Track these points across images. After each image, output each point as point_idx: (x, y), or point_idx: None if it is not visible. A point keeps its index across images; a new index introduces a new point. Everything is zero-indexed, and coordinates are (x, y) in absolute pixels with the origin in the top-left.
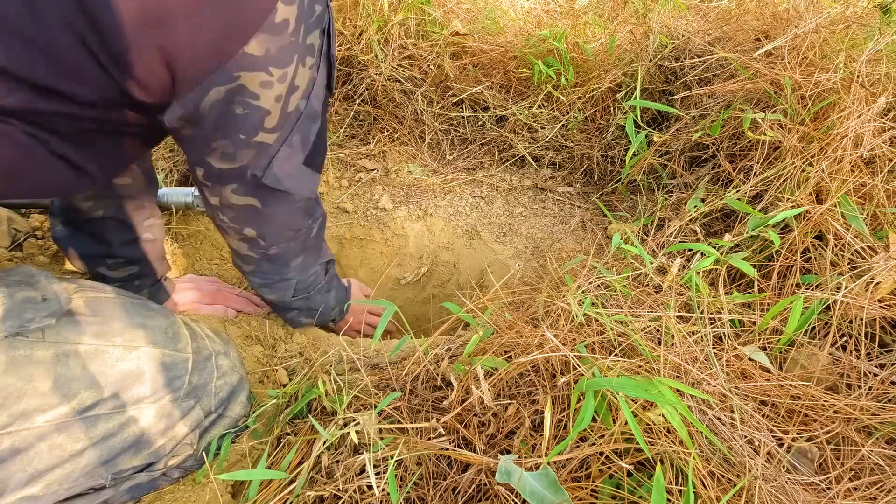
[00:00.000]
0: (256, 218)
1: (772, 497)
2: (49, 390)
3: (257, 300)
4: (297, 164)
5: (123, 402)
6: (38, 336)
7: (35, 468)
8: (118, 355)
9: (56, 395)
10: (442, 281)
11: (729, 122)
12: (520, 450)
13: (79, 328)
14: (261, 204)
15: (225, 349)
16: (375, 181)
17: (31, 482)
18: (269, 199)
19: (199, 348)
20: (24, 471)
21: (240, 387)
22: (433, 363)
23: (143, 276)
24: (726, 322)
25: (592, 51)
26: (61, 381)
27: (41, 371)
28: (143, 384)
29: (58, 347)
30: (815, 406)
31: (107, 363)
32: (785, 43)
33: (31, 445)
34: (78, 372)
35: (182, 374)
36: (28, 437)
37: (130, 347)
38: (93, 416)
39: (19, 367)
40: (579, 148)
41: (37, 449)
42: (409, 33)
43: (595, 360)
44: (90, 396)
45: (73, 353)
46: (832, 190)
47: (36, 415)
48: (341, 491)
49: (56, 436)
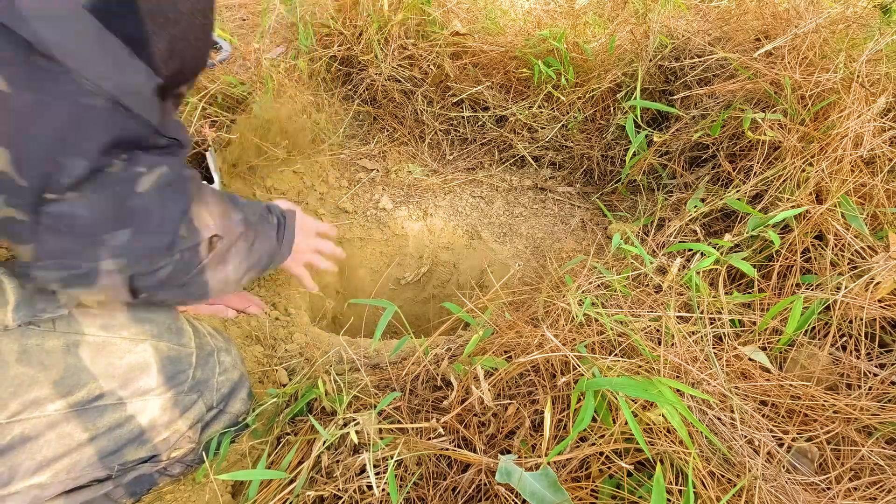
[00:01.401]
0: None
1: (772, 497)
2: (59, 379)
3: (257, 300)
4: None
5: (130, 394)
6: (49, 326)
7: (44, 456)
8: (125, 347)
9: (66, 384)
10: (442, 281)
11: (729, 122)
12: (520, 450)
13: (87, 319)
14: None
15: (226, 346)
16: (375, 181)
17: (39, 470)
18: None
19: (202, 344)
20: (33, 459)
21: (240, 384)
22: (433, 363)
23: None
24: (726, 322)
25: (592, 51)
26: (71, 371)
27: (52, 360)
28: (150, 377)
29: (68, 338)
30: (815, 406)
31: (114, 355)
32: (785, 43)
33: (40, 434)
34: (87, 362)
35: (186, 369)
36: (38, 426)
37: (136, 340)
38: (100, 406)
39: (31, 356)
40: (579, 148)
41: (46, 437)
42: (409, 33)
43: (595, 360)
44: (98, 387)
45: (83, 344)
46: (832, 190)
47: (46, 403)
48: (341, 491)
49: (65, 425)
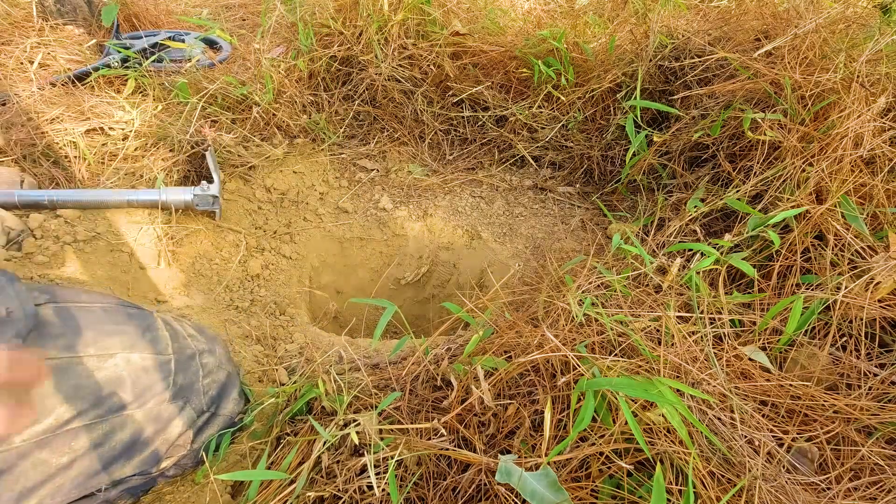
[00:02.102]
0: None
1: (772, 497)
2: None
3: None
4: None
5: (104, 412)
6: None
7: (23, 486)
8: (93, 365)
9: None
10: (442, 281)
11: (729, 122)
12: (520, 450)
13: (48, 342)
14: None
15: (210, 347)
16: (375, 181)
17: (21, 499)
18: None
19: (182, 348)
20: (12, 490)
21: (229, 384)
22: (433, 363)
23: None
24: (726, 322)
25: (592, 51)
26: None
27: (12, 392)
28: (124, 391)
29: None
30: (815, 406)
31: (81, 375)
32: (785, 43)
33: (13, 465)
34: (51, 388)
35: (166, 376)
36: (8, 458)
37: (105, 356)
38: (73, 429)
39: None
40: (579, 148)
41: (20, 468)
42: (409, 33)
43: (595, 360)
44: (67, 410)
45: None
46: (832, 190)
47: (12, 435)
48: (341, 491)
49: (38, 452)
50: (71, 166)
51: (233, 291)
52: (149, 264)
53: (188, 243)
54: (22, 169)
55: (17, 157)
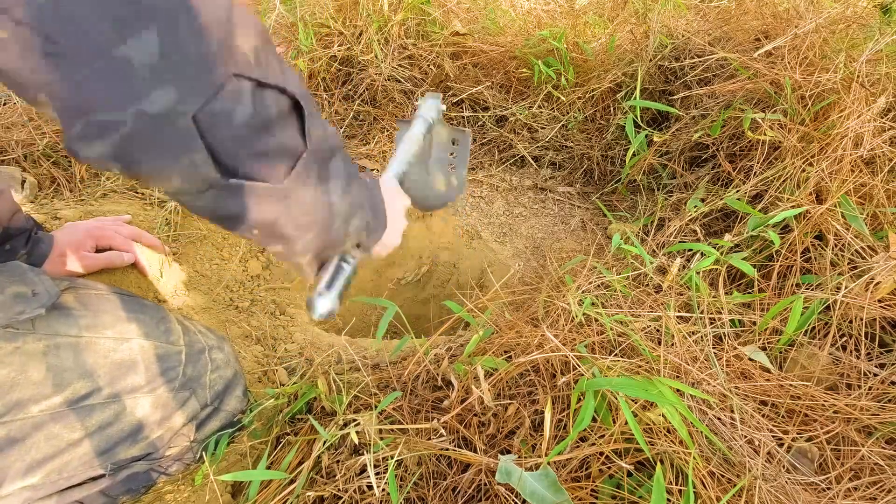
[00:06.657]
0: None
1: (772, 497)
2: (42, 380)
3: (150, 238)
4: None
5: (118, 392)
6: (29, 328)
7: (33, 458)
8: (110, 346)
9: (49, 385)
10: (442, 281)
11: (729, 122)
12: (520, 450)
13: (69, 321)
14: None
15: (219, 344)
16: None
17: (29, 472)
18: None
19: (192, 342)
20: (23, 460)
21: (235, 381)
22: (433, 363)
23: (10, 238)
24: (726, 322)
25: (592, 51)
26: (53, 372)
27: (33, 362)
28: (137, 374)
29: (49, 339)
30: (815, 406)
31: (99, 354)
32: (785, 43)
33: (27, 435)
34: (70, 363)
35: (176, 366)
36: (24, 427)
37: (122, 339)
38: (87, 405)
39: (11, 358)
40: (579, 148)
41: (34, 439)
42: (409, 33)
43: (595, 360)
44: (84, 386)
45: (65, 345)
46: (832, 190)
47: (30, 404)
48: (341, 491)
49: (52, 425)
50: (71, 166)
51: (233, 291)
52: (149, 264)
53: (188, 244)
54: (22, 169)
55: (17, 157)
